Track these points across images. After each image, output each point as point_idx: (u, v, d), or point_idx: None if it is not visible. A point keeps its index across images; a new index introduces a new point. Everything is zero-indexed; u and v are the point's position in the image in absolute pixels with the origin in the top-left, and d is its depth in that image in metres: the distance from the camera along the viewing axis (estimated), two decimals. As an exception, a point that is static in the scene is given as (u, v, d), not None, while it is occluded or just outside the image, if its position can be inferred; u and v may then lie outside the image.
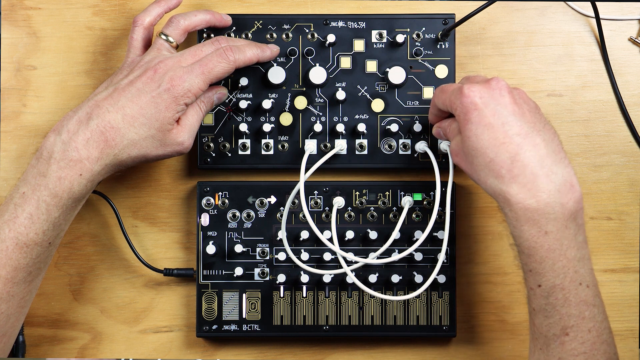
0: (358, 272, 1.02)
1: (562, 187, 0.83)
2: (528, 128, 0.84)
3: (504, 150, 0.84)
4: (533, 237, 0.84)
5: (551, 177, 0.83)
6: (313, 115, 1.02)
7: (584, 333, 0.85)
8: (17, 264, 0.88)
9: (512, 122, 0.84)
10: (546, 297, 0.85)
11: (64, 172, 0.88)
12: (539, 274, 0.85)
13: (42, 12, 1.04)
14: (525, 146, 0.84)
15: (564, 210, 0.83)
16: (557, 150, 0.85)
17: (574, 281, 0.85)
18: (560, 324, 0.85)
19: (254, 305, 1.02)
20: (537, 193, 0.83)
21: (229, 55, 0.93)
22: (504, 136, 0.84)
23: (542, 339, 0.87)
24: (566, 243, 0.84)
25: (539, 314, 0.86)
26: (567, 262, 0.84)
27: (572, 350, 0.85)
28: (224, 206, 1.02)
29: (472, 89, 0.86)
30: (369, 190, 1.02)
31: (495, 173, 0.84)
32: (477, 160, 0.86)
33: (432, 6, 1.06)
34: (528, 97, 0.88)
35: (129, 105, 0.89)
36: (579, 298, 0.85)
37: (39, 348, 1.04)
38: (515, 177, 0.83)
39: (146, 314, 1.04)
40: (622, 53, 1.05)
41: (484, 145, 0.84)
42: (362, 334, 1.02)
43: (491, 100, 0.85)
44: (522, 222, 0.83)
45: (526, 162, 0.83)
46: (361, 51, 1.02)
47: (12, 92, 1.04)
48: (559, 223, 0.83)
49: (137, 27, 0.97)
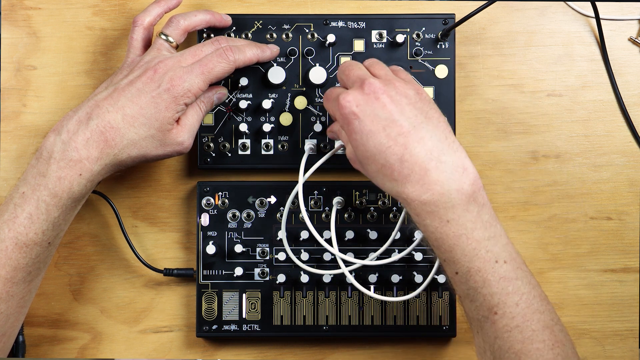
0: (358, 272, 1.02)
1: (453, 173, 0.84)
2: (409, 125, 0.85)
3: (391, 154, 0.84)
4: (437, 229, 0.84)
5: (440, 167, 0.84)
6: (313, 115, 1.02)
7: (511, 308, 0.85)
8: (16, 263, 0.88)
9: (392, 123, 0.84)
10: (466, 282, 0.85)
11: (64, 172, 0.88)
12: (452, 261, 0.85)
13: (42, 12, 1.04)
14: (410, 144, 0.84)
15: (461, 194, 0.84)
16: (443, 138, 0.85)
17: (488, 261, 0.85)
18: (486, 305, 0.85)
19: (254, 305, 1.02)
20: (430, 186, 0.83)
21: (229, 55, 0.94)
22: (387, 139, 0.84)
23: (475, 322, 0.87)
24: (470, 226, 0.84)
25: (465, 300, 0.87)
26: (476, 243, 0.85)
27: (505, 327, 0.85)
28: (224, 206, 1.02)
29: (347, 98, 0.85)
30: (368, 190, 1.02)
31: (388, 177, 0.85)
32: (370, 167, 0.86)
33: (432, 6, 1.06)
34: (405, 87, 0.87)
35: (129, 105, 0.90)
36: (497, 276, 0.85)
37: (39, 348, 1.04)
38: (407, 177, 0.84)
39: (146, 314, 1.04)
40: (622, 53, 1.05)
41: (371, 152, 0.85)
42: (362, 334, 1.02)
43: (367, 106, 0.85)
44: (423, 216, 0.84)
45: (414, 160, 0.84)
46: (361, 51, 1.02)
47: (12, 92, 1.04)
48: (458, 209, 0.84)
49: (137, 27, 0.97)
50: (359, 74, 0.89)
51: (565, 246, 1.05)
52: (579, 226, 1.04)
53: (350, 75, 0.89)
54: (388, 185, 0.85)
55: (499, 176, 1.05)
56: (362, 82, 0.86)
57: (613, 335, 1.04)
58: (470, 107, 1.05)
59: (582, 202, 1.05)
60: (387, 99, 0.85)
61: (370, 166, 0.86)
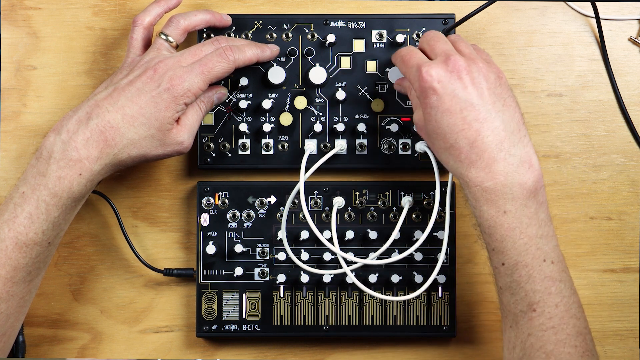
0: (358, 272, 1.02)
1: (520, 167, 0.85)
2: (486, 112, 0.85)
3: (463, 137, 0.85)
4: (492, 217, 0.85)
5: (509, 159, 0.85)
6: (313, 115, 1.02)
7: (551, 308, 0.86)
8: (16, 263, 0.88)
9: (470, 107, 0.85)
10: (510, 275, 0.86)
11: (64, 171, 0.88)
12: (501, 252, 0.86)
13: (42, 12, 1.04)
14: (484, 131, 0.85)
15: (523, 189, 0.85)
16: (516, 130, 0.86)
17: (537, 258, 0.86)
18: (527, 300, 0.86)
19: (254, 305, 1.02)
20: (495, 175, 0.85)
21: (229, 55, 0.94)
22: (462, 122, 0.85)
23: (511, 316, 0.88)
24: (526, 221, 0.85)
25: (505, 292, 0.88)
26: (529, 239, 0.85)
27: (541, 325, 0.85)
28: (224, 206, 1.02)
29: (430, 72, 0.86)
30: (369, 190, 1.02)
31: (454, 157, 0.86)
32: (438, 143, 0.87)
33: (432, 6, 1.06)
34: (487, 71, 0.88)
35: (129, 104, 0.90)
36: (543, 274, 0.86)
37: (39, 348, 1.04)
38: (473, 162, 0.85)
39: (146, 314, 1.04)
40: (622, 53, 1.05)
41: (443, 130, 0.86)
42: (362, 334, 1.02)
43: (449, 84, 0.86)
44: (481, 202, 0.85)
45: (484, 148, 0.85)
46: (361, 51, 1.02)
47: (12, 92, 1.04)
48: (517, 202, 0.85)
49: (137, 27, 0.97)
50: (445, 47, 0.89)
51: (565, 246, 1.04)
52: (579, 226, 1.04)
53: (436, 48, 0.90)
54: (452, 164, 0.87)
55: (499, 176, 1.05)
56: (447, 57, 0.87)
57: (613, 335, 1.04)
58: (470, 107, 1.05)
59: (582, 202, 1.05)
60: (469, 80, 0.86)
61: (439, 142, 0.87)
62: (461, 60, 0.87)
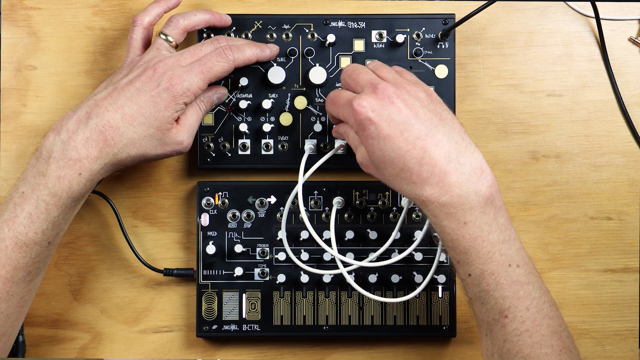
0: (358, 272, 1.02)
1: (472, 175, 0.84)
2: (426, 128, 0.85)
3: (410, 157, 0.84)
4: (454, 230, 0.85)
5: (460, 169, 0.84)
6: (313, 115, 1.02)
7: (522, 312, 0.85)
8: (16, 263, 0.88)
9: (409, 127, 0.84)
10: (478, 285, 0.86)
11: (63, 171, 0.88)
12: (466, 263, 0.86)
13: (42, 12, 1.05)
14: (429, 147, 0.84)
15: (479, 197, 0.84)
16: (460, 140, 0.86)
17: (501, 264, 0.85)
18: (497, 308, 0.86)
19: (254, 305, 1.02)
20: (450, 188, 0.84)
21: (228, 55, 0.94)
22: (405, 144, 0.84)
23: (484, 325, 0.88)
24: (486, 228, 0.85)
25: (476, 302, 0.87)
26: (491, 246, 0.85)
27: (515, 331, 0.85)
28: (224, 206, 1.02)
29: (362, 104, 0.85)
30: (368, 190, 1.02)
31: (406, 180, 0.85)
32: (387, 171, 0.86)
33: (432, 6, 1.06)
34: (416, 89, 0.87)
35: (128, 104, 0.90)
36: (510, 279, 0.85)
37: (39, 348, 1.04)
38: (426, 180, 0.84)
39: (146, 314, 1.05)
40: (622, 53, 1.05)
41: (389, 157, 0.85)
42: (362, 334, 1.02)
43: (383, 111, 0.85)
44: (440, 218, 0.85)
45: (433, 163, 0.84)
46: (361, 51, 1.02)
47: (12, 92, 1.04)
48: (476, 211, 0.84)
49: (137, 27, 0.97)
50: (369, 77, 0.89)
51: (565, 246, 1.05)
52: (579, 226, 1.04)
53: (359, 80, 0.89)
54: (406, 188, 0.85)
55: (499, 176, 1.05)
56: (374, 87, 0.86)
57: (613, 335, 1.04)
58: (470, 107, 1.05)
59: (582, 202, 1.05)
60: (401, 103, 0.85)
61: (387, 170, 0.86)
62: (390, 87, 0.86)
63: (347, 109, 0.87)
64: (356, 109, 0.85)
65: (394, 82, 0.87)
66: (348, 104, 0.87)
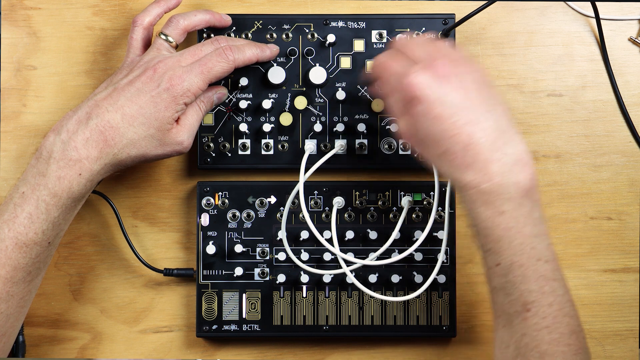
0: (358, 272, 1.02)
1: (514, 166, 0.84)
2: (476, 113, 0.84)
3: (456, 142, 0.84)
4: (489, 218, 0.84)
5: (503, 159, 0.84)
6: (313, 115, 1.02)
7: (545, 307, 0.85)
8: (16, 263, 0.88)
9: (460, 111, 0.84)
10: (505, 275, 0.85)
11: (64, 171, 0.88)
12: (497, 252, 0.85)
13: (42, 12, 1.04)
14: (477, 134, 0.83)
15: (518, 188, 0.84)
16: (507, 129, 0.85)
17: (531, 257, 0.85)
18: (521, 300, 0.85)
19: (254, 305, 1.02)
20: (491, 177, 0.83)
21: (229, 55, 0.94)
22: (453, 127, 0.84)
23: (504, 316, 0.87)
24: (522, 220, 0.84)
25: (499, 292, 0.87)
26: (524, 239, 0.85)
27: (535, 325, 0.85)
28: (224, 206, 1.02)
29: (416, 79, 0.84)
30: (369, 190, 1.02)
31: (449, 162, 0.85)
32: (431, 150, 0.86)
33: (432, 6, 1.06)
34: (472, 70, 0.87)
35: (128, 104, 0.90)
36: (537, 274, 0.85)
37: (39, 348, 1.04)
38: (469, 166, 0.84)
39: (146, 314, 1.04)
40: (622, 53, 1.05)
41: (434, 137, 0.84)
42: (362, 334, 1.02)
43: (437, 89, 0.84)
44: (477, 204, 0.84)
45: (478, 150, 0.83)
46: (361, 51, 1.02)
47: (12, 92, 1.04)
48: (514, 202, 0.84)
49: (137, 27, 0.97)
50: (425, 51, 0.88)
51: (565, 246, 1.04)
52: (579, 226, 1.04)
53: (415, 51, 0.88)
54: (446, 169, 0.85)
55: (499, 176, 1.05)
56: (430, 62, 0.85)
57: (613, 335, 1.04)
58: (470, 107, 1.05)
59: (582, 202, 1.05)
60: (457, 84, 0.84)
61: (431, 149, 0.86)
62: (446, 64, 0.85)
63: (397, 81, 0.86)
64: (409, 85, 0.84)
65: (451, 59, 0.86)
66: (400, 76, 0.85)
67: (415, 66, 0.85)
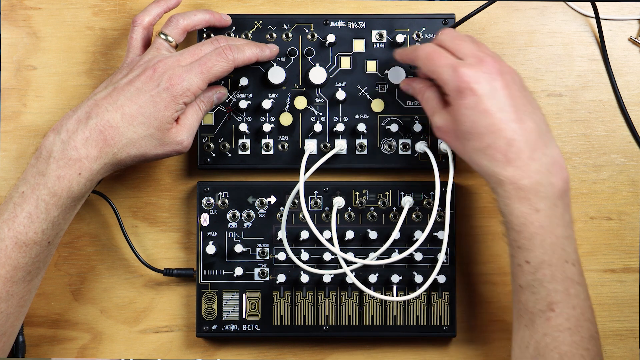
0: (358, 272, 1.02)
1: (551, 167, 0.87)
2: (521, 113, 0.87)
3: (501, 137, 0.86)
4: (524, 215, 0.86)
5: (542, 159, 0.87)
6: (313, 115, 1.02)
7: (569, 309, 0.87)
8: (16, 263, 0.88)
9: (507, 108, 0.87)
10: (534, 273, 0.87)
11: (63, 171, 0.88)
12: (528, 250, 0.87)
13: (42, 12, 1.05)
14: (520, 132, 0.86)
15: (554, 189, 0.87)
16: (546, 131, 0.88)
17: (561, 258, 0.87)
18: (547, 300, 0.87)
19: (254, 305, 1.02)
20: (531, 174, 0.86)
21: (228, 54, 0.94)
22: (499, 122, 0.86)
23: (527, 315, 0.88)
24: (555, 221, 0.87)
25: (525, 291, 0.88)
26: (556, 239, 0.87)
27: (558, 326, 0.87)
28: (224, 206, 1.02)
29: (469, 73, 0.87)
30: (369, 190, 1.02)
31: (490, 157, 0.87)
32: (472, 144, 0.88)
33: (432, 6, 1.06)
34: (514, 73, 0.90)
35: (128, 104, 0.90)
36: (565, 275, 0.87)
37: (39, 348, 1.04)
38: (510, 161, 0.86)
39: (146, 314, 1.05)
40: (622, 53, 1.05)
41: (480, 131, 0.87)
42: (362, 334, 1.02)
43: (487, 85, 0.87)
44: (514, 200, 0.86)
45: (521, 147, 0.86)
46: (361, 51, 1.02)
47: (12, 92, 1.04)
48: (549, 201, 0.86)
49: (137, 26, 0.97)
50: (473, 48, 0.90)
51: (566, 246, 1.04)
52: (579, 226, 1.04)
53: (462, 47, 0.91)
54: (485, 163, 0.88)
55: (499, 176, 1.05)
56: (480, 59, 0.88)
57: (613, 335, 1.04)
58: (470, 107, 1.05)
59: (582, 202, 1.04)
60: (504, 82, 0.88)
61: (472, 143, 0.88)
62: (495, 64, 0.88)
63: (449, 72, 0.88)
64: (462, 76, 0.87)
65: (496, 59, 0.89)
66: (452, 67, 0.88)
67: (468, 60, 0.88)
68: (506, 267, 1.04)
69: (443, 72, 0.89)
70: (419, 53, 0.93)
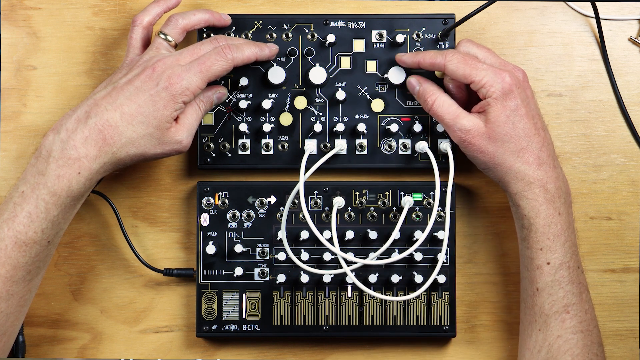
0: (358, 272, 1.02)
1: (564, 179, 0.94)
2: (542, 123, 0.95)
3: (535, 141, 0.92)
4: (549, 216, 0.92)
5: (559, 168, 0.94)
6: (313, 115, 1.02)
7: (582, 313, 0.92)
8: (16, 262, 0.88)
9: (537, 116, 0.94)
10: (553, 274, 0.92)
11: (63, 170, 0.88)
12: (551, 250, 0.92)
13: (42, 12, 1.05)
14: (547, 139, 0.95)
15: (568, 199, 0.94)
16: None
17: (576, 262, 0.93)
18: (564, 301, 0.91)
19: (254, 305, 1.02)
20: (557, 179, 0.93)
21: (227, 54, 0.94)
22: (534, 128, 0.93)
23: (542, 318, 0.92)
24: (571, 227, 0.93)
25: (542, 293, 0.92)
26: (572, 244, 0.93)
27: (572, 328, 0.91)
28: (224, 206, 1.02)
29: (510, 78, 0.92)
30: (369, 190, 1.02)
31: (523, 160, 0.92)
32: (507, 146, 0.92)
33: (432, 6, 1.06)
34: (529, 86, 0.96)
35: (127, 103, 0.90)
36: (578, 279, 0.92)
37: (39, 348, 1.04)
38: (542, 164, 0.92)
39: (146, 314, 1.04)
40: (622, 53, 1.05)
41: (518, 133, 0.92)
42: (362, 334, 1.02)
43: (523, 92, 0.93)
44: (540, 202, 0.92)
45: (551, 153, 0.94)
46: (361, 51, 1.03)
47: (12, 92, 1.04)
48: (567, 207, 0.93)
49: (136, 26, 0.97)
50: (498, 59, 0.96)
51: (566, 246, 1.04)
52: (579, 226, 1.04)
53: (488, 58, 0.96)
54: (518, 165, 0.93)
55: (499, 176, 1.05)
56: (510, 70, 0.94)
57: (613, 335, 1.04)
58: (470, 107, 1.05)
59: (582, 202, 1.04)
60: (530, 93, 0.95)
61: (507, 145, 0.93)
62: (520, 76, 0.94)
63: (492, 75, 0.92)
64: (506, 80, 0.92)
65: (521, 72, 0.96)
66: (494, 72, 0.92)
67: (507, 67, 0.95)
68: (506, 267, 1.04)
69: (485, 74, 0.93)
70: (448, 57, 0.95)
